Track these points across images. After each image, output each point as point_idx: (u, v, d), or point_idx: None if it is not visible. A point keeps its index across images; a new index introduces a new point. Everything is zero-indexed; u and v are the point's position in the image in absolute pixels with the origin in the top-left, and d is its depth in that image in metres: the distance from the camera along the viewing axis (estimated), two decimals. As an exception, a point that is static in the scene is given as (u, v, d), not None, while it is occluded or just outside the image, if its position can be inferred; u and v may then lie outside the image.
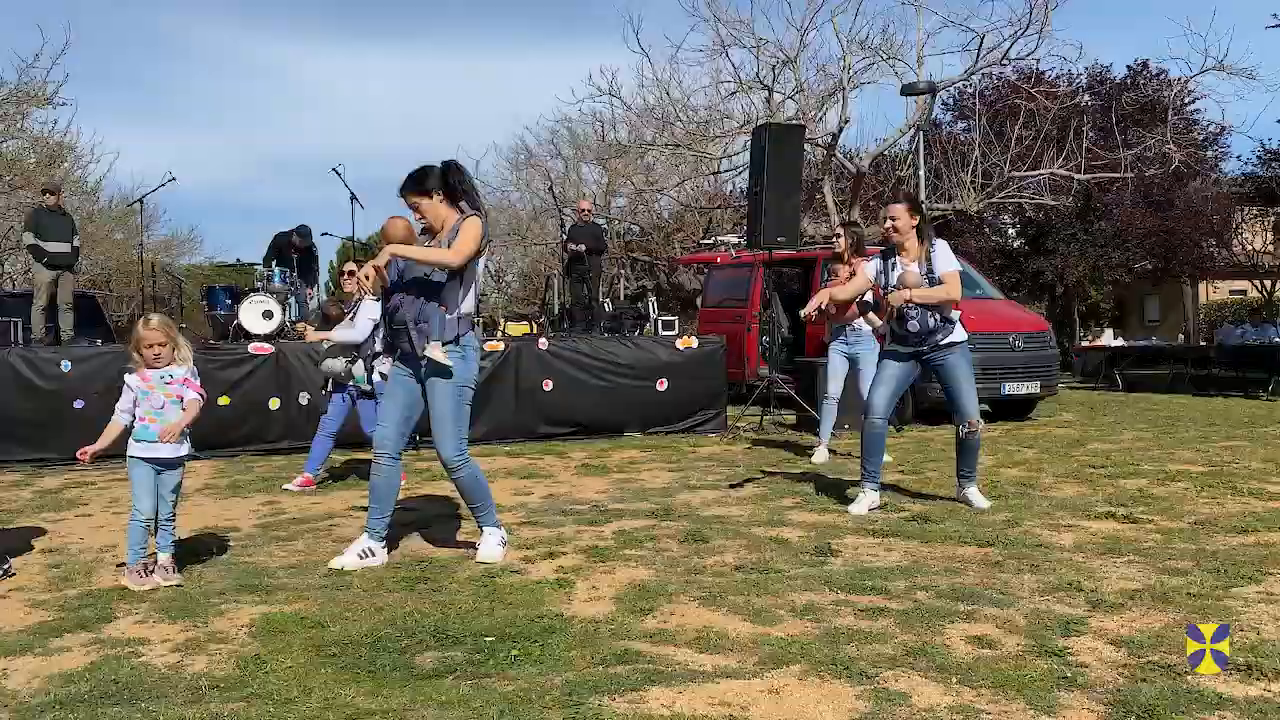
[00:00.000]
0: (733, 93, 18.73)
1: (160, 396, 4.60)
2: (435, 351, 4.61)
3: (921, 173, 17.02)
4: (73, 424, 8.68)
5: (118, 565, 4.76)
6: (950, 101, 24.14)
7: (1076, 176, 18.26)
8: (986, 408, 11.42)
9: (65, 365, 8.77)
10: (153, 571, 4.52)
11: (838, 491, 6.49)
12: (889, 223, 5.96)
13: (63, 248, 10.99)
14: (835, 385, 8.12)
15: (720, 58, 18.24)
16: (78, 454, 4.69)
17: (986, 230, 26.38)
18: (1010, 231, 27.19)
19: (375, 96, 74.99)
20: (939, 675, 3.21)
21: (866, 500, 5.92)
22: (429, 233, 4.84)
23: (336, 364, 7.02)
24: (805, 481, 7.00)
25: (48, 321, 10.85)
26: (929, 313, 5.81)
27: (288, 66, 75.67)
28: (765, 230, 9.95)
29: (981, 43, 17.33)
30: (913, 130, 18.15)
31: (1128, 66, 25.14)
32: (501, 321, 12.93)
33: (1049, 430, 10.22)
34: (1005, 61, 18.06)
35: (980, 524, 5.47)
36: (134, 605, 4.21)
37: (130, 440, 4.58)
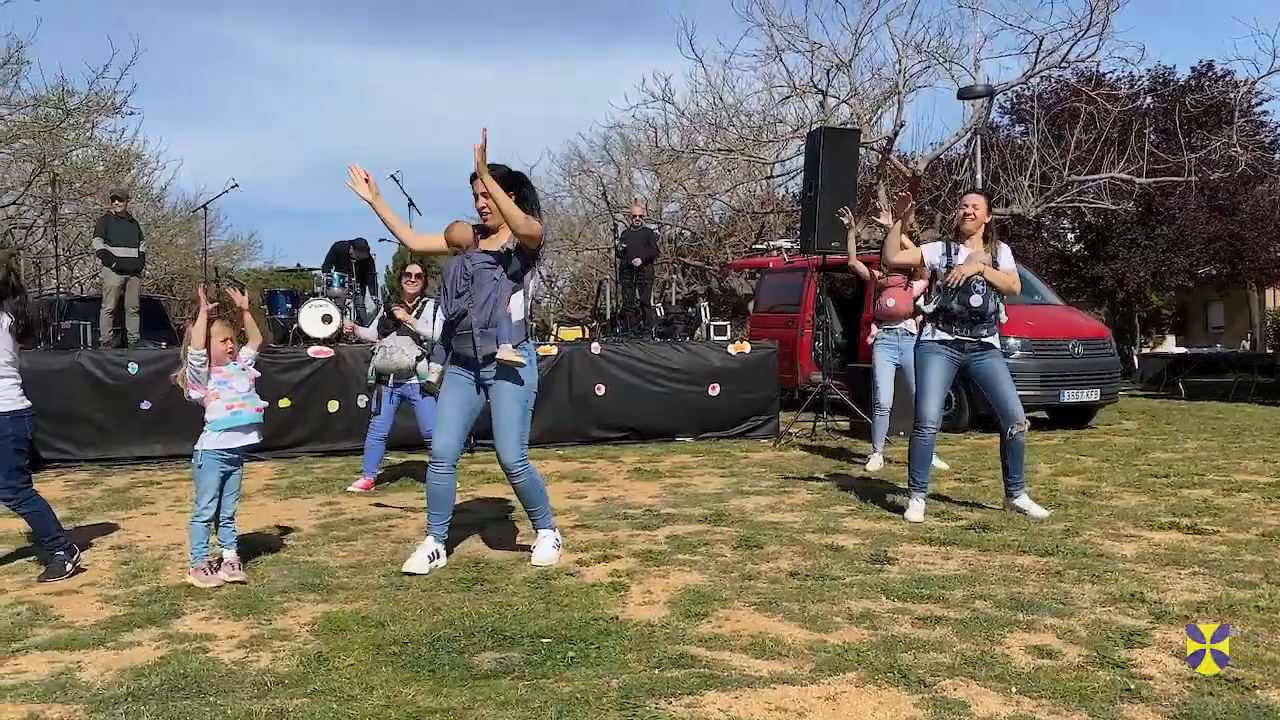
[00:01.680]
0: (786, 97, 18.68)
1: (244, 381, 4.73)
2: (508, 353, 4.63)
3: (979, 176, 16.82)
4: (140, 424, 8.94)
5: (188, 565, 4.86)
6: (1008, 105, 23.83)
7: (1138, 180, 17.91)
8: (1044, 414, 11.26)
9: (133, 367, 9.00)
10: (218, 569, 4.64)
11: (893, 499, 6.44)
12: (967, 209, 5.96)
13: (130, 253, 11.29)
14: (886, 395, 8.02)
15: (774, 62, 18.21)
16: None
17: (1044, 235, 25.97)
18: (1069, 236, 26.73)
19: (429, 103, 75.88)
20: (998, 685, 3.18)
21: (920, 507, 5.88)
22: (487, 231, 4.85)
23: (404, 359, 7.12)
24: (859, 488, 6.96)
25: (115, 325, 11.14)
26: (992, 294, 5.82)
27: (343, 73, 76.93)
28: (819, 235, 9.90)
29: (1040, 45, 17.10)
30: (969, 134, 17.94)
31: (1192, 68, 24.63)
32: (554, 326, 13.01)
33: (1109, 439, 10.03)
34: (1064, 64, 17.79)
35: (1039, 533, 5.40)
36: (200, 602, 4.32)
37: (213, 433, 4.66)
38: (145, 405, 8.92)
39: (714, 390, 10.17)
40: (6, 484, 4.75)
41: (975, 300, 5.80)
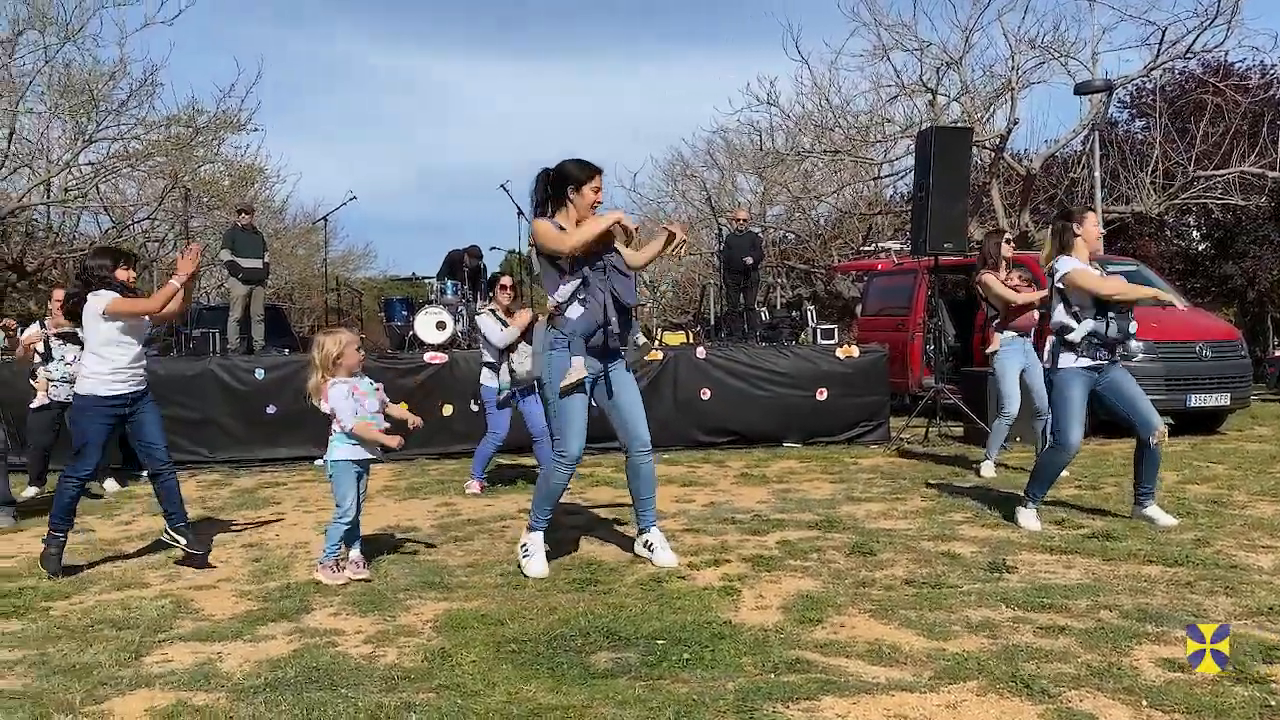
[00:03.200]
0: (894, 96, 18.38)
1: (375, 401, 4.91)
2: (636, 345, 4.76)
3: (1097, 174, 16.27)
4: (265, 428, 9.34)
5: (316, 562, 5.07)
6: (1127, 99, 22.95)
7: (1270, 174, 17.03)
8: (1169, 420, 10.81)
9: (259, 373, 9.42)
10: (344, 568, 4.82)
11: (1010, 507, 6.26)
12: (1099, 229, 5.82)
13: (256, 263, 11.80)
14: (1014, 403, 7.74)
15: (881, 61, 17.93)
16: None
17: (1168, 233, 24.90)
18: (1194, 234, 25.57)
19: (534, 110, 77.11)
20: (1127, 697, 3.08)
21: (1036, 516, 5.73)
22: (577, 223, 4.85)
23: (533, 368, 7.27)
24: (975, 496, 6.81)
25: (242, 332, 11.67)
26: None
27: (453, 85, 78.74)
28: (931, 236, 9.73)
29: (1163, 36, 16.42)
30: (1087, 130, 17.36)
31: (1330, 54, 23.30)
32: (657, 331, 13.08)
33: (1241, 445, 9.57)
34: (1189, 55, 17.03)
35: (1167, 543, 5.20)
36: (328, 598, 4.50)
37: (341, 446, 4.85)
38: (270, 410, 9.32)
39: (822, 395, 10.07)
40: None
41: (1133, 325, 5.63)
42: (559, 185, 4.80)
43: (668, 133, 61.86)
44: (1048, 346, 5.78)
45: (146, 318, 5.26)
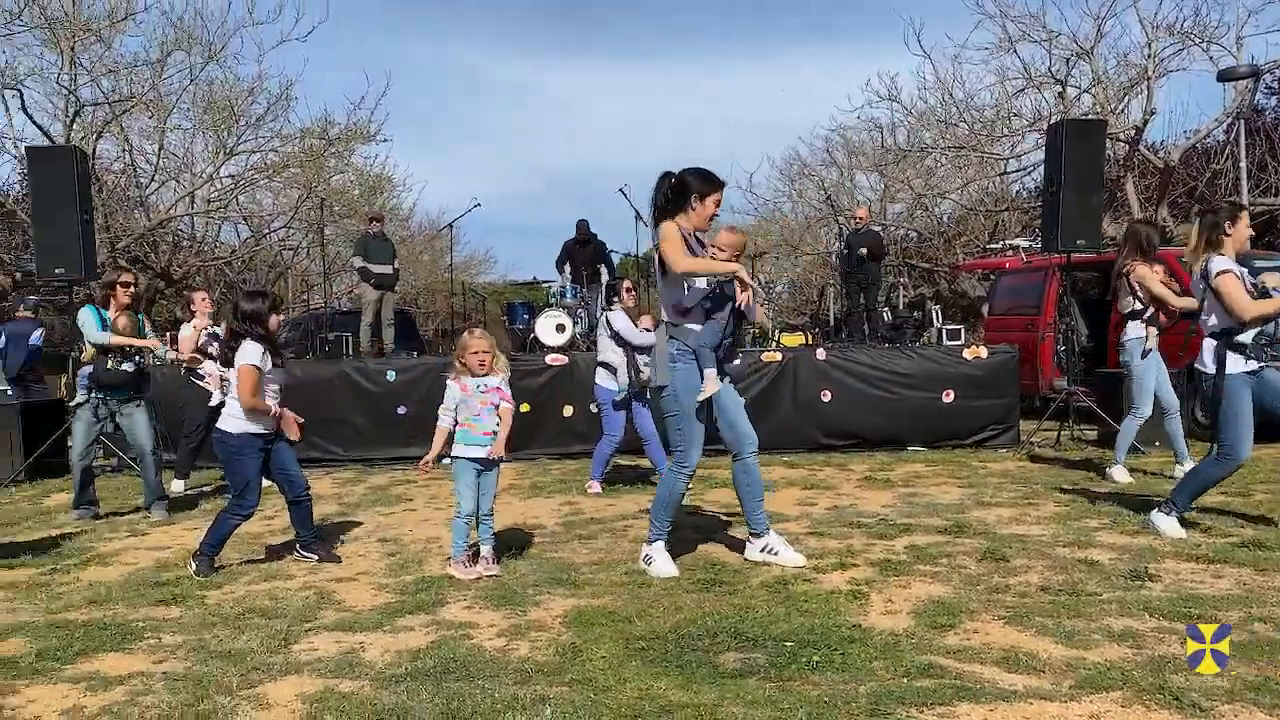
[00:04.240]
0: (1021, 89, 17.77)
1: (477, 404, 5.04)
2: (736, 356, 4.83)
3: (1243, 165, 15.42)
4: (396, 428, 9.67)
5: (449, 558, 5.22)
6: (1275, 84, 21.67)
7: None
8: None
9: (391, 375, 9.76)
10: (475, 563, 4.97)
11: (1150, 513, 6.01)
12: (1248, 229, 5.50)
13: (386, 269, 12.24)
14: (1150, 404, 7.41)
15: (1007, 54, 17.38)
16: (419, 465, 5.15)
17: (1321, 226, 23.40)
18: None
19: (650, 114, 77.58)
20: (1287, 715, 2.93)
21: (1178, 523, 5.46)
22: (700, 230, 4.95)
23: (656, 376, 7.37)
24: (1111, 501, 6.55)
25: (373, 336, 12.11)
26: None
27: (566, 89, 79.90)
28: (1063, 232, 9.40)
29: (1317, 16, 15.43)
30: (1230, 119, 16.47)
31: None
32: (775, 332, 12.99)
33: None
34: (1346, 35, 15.97)
35: (1327, 553, 4.90)
36: (461, 592, 4.64)
37: (455, 443, 5.03)
38: (401, 410, 9.64)
39: (948, 397, 9.84)
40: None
41: None
42: (680, 193, 4.86)
43: (783, 131, 61.28)
44: (1208, 350, 5.40)
45: (277, 371, 5.44)
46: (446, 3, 73.16)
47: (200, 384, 8.08)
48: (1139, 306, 7.38)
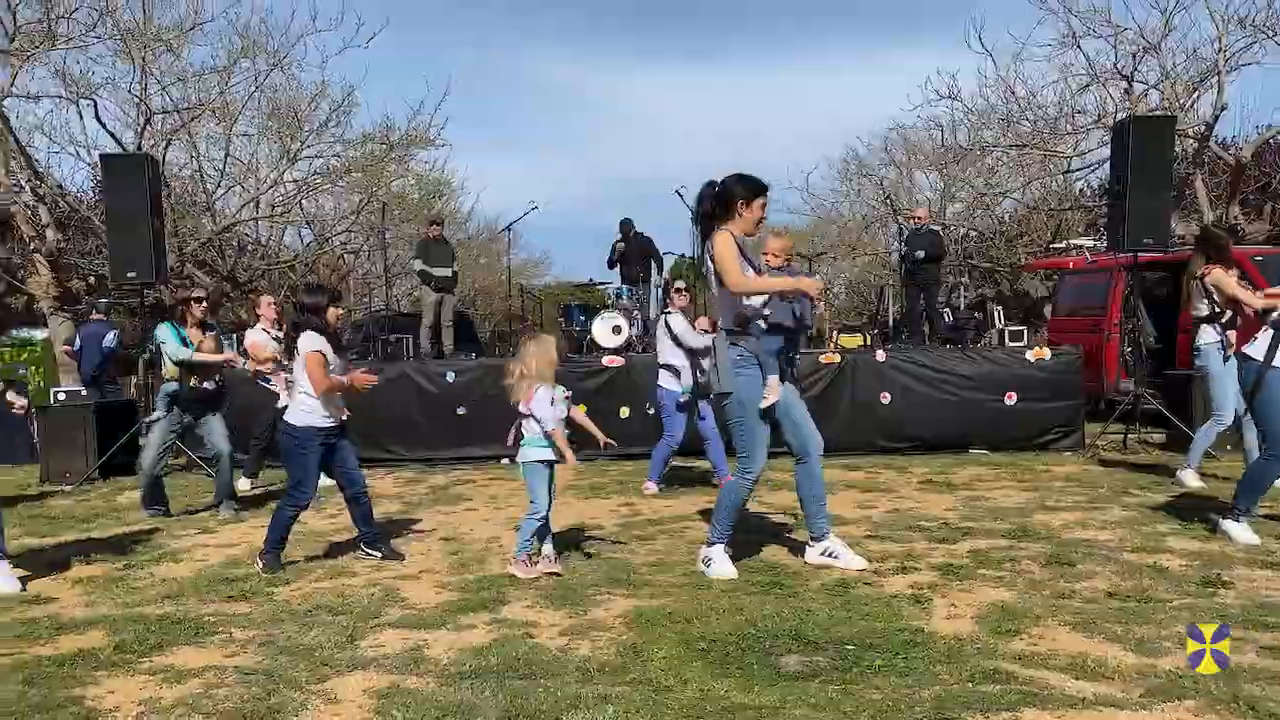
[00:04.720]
0: (1085, 86, 17.41)
1: (563, 409, 5.10)
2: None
3: (1318, 160, 14.94)
4: (456, 428, 9.78)
5: (510, 557, 5.28)
6: (1353, 76, 20.96)
7: None
8: None
9: (450, 376, 9.88)
10: (537, 563, 5.01)
11: (1218, 519, 5.86)
12: None
13: (445, 272, 12.38)
14: (1232, 410, 7.17)
15: (1071, 50, 17.05)
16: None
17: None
18: None
19: (701, 115, 77.47)
20: (1370, 728, 2.85)
21: (1250, 529, 5.32)
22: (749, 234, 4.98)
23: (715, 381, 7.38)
24: (1181, 506, 6.40)
25: (433, 338, 12.26)
26: None
27: (623, 93, 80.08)
28: (1129, 231, 9.21)
29: (1397, 6, 14.91)
30: (1306, 112, 15.97)
31: None
32: (833, 334, 12.88)
33: None
34: None
35: None
36: (522, 591, 4.69)
37: (535, 447, 5.06)
38: (461, 410, 9.75)
39: (1011, 399, 9.68)
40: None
41: None
42: (727, 200, 4.87)
43: (842, 133, 60.74)
44: (1265, 340, 5.35)
45: (339, 360, 5.53)
46: (509, 7, 73.79)
47: (267, 387, 8.25)
48: (1213, 311, 7.19)
